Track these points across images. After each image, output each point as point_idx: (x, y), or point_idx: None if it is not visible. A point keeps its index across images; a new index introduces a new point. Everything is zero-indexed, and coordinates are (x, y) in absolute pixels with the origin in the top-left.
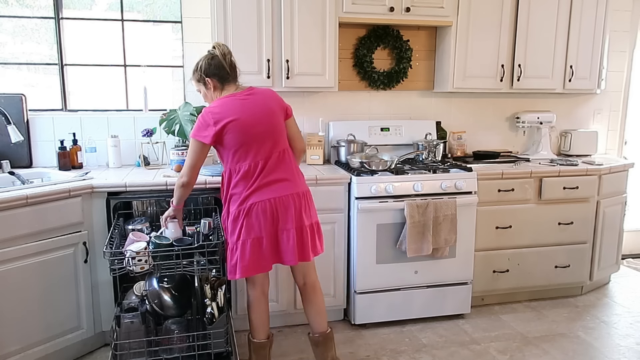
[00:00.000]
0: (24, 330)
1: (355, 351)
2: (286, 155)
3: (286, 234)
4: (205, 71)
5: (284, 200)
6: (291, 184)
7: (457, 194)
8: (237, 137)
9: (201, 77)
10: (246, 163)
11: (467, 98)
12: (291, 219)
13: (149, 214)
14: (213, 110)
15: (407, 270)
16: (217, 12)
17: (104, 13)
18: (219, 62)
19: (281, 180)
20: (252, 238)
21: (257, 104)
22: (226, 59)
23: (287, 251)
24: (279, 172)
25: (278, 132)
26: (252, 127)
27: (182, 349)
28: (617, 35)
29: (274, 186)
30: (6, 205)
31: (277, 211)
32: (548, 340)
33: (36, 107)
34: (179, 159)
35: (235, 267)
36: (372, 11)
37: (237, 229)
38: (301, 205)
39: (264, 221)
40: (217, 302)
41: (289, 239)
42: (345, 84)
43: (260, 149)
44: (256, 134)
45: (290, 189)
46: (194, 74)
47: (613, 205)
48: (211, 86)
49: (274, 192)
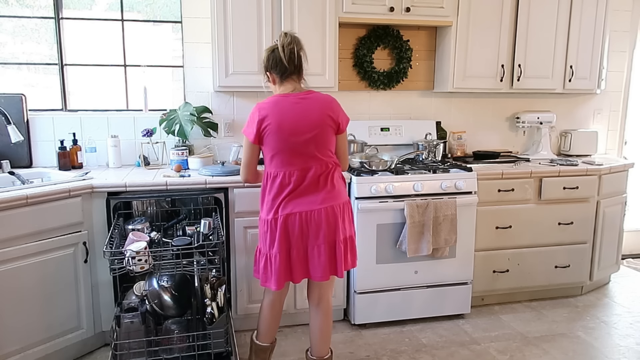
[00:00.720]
0: (24, 330)
1: (355, 351)
2: (325, 170)
3: (317, 249)
4: (265, 64)
5: (315, 214)
6: (326, 197)
7: (457, 194)
8: (275, 142)
9: (263, 70)
10: (282, 171)
11: (467, 98)
12: (323, 234)
13: (149, 214)
14: (261, 107)
15: (407, 270)
16: (217, 12)
17: (104, 13)
18: (278, 55)
19: (316, 193)
20: (280, 251)
21: (306, 111)
22: (285, 51)
23: (317, 267)
24: (316, 186)
25: (321, 146)
26: (293, 135)
27: (182, 349)
28: (617, 35)
29: (307, 199)
30: (6, 205)
31: (307, 225)
32: (548, 340)
33: (36, 107)
34: (178, 159)
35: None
36: (372, 11)
37: (272, 239)
38: (336, 218)
39: (293, 234)
40: (217, 302)
41: (320, 254)
42: (345, 84)
43: (299, 159)
44: (297, 142)
45: (324, 201)
46: (262, 67)
47: (613, 205)
48: (271, 80)
49: (306, 205)
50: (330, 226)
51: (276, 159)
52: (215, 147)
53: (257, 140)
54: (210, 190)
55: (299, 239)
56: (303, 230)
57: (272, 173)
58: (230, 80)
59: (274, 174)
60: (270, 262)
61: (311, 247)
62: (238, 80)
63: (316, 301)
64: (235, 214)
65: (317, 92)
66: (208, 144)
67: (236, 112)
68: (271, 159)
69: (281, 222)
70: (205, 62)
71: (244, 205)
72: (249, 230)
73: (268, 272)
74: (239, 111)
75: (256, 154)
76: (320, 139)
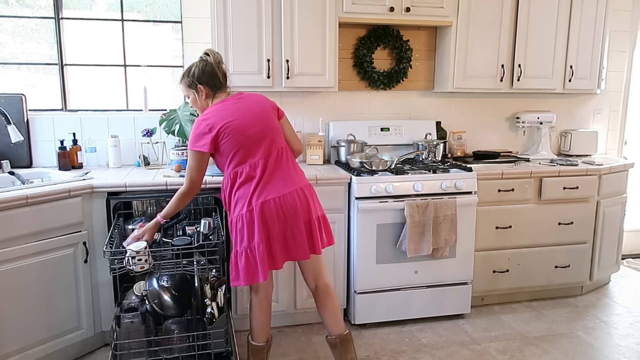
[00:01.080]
0: (24, 330)
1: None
2: (284, 153)
3: (296, 230)
4: (198, 78)
5: (288, 197)
6: (293, 180)
7: (457, 194)
8: (233, 140)
9: (192, 83)
10: (246, 165)
11: (467, 98)
12: (299, 215)
13: (149, 214)
14: (206, 119)
15: (407, 270)
16: (217, 12)
17: (104, 13)
18: (212, 70)
19: (283, 177)
20: (262, 240)
21: (249, 106)
22: (220, 68)
23: (297, 247)
24: (280, 170)
25: (274, 131)
26: (248, 129)
27: (182, 349)
28: (617, 35)
29: (277, 184)
30: (6, 205)
31: (282, 209)
32: (548, 340)
33: (36, 107)
34: (179, 159)
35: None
36: (372, 11)
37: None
38: (307, 199)
39: (271, 220)
40: (217, 302)
41: (298, 235)
42: (345, 84)
43: (259, 149)
44: (252, 134)
45: (292, 184)
46: (184, 79)
47: (613, 205)
48: (203, 93)
49: (278, 191)
50: (303, 207)
51: (237, 156)
52: None
53: (212, 149)
54: (210, 190)
55: (276, 224)
56: (279, 215)
57: (235, 171)
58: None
59: (237, 172)
60: (253, 255)
61: (289, 229)
62: (238, 80)
63: (313, 284)
64: None
65: (245, 92)
66: None
67: None
68: (232, 159)
69: (258, 211)
70: None
71: None
72: None
73: (252, 266)
74: None
75: (206, 166)
76: (270, 126)
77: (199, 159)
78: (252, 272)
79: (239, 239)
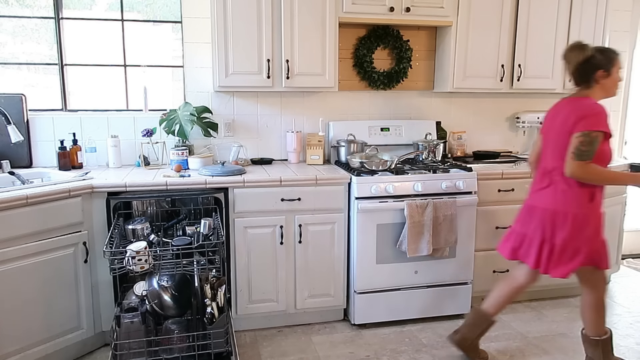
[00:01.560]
0: (24, 330)
1: (355, 351)
2: (552, 176)
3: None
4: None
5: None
6: (532, 196)
7: (457, 194)
8: (542, 136)
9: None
10: (540, 164)
11: (467, 98)
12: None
13: (149, 214)
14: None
15: (407, 270)
16: (217, 12)
17: (104, 13)
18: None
19: (536, 191)
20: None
21: (560, 111)
22: (571, 61)
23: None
24: (538, 184)
25: (552, 147)
26: (545, 133)
27: (182, 349)
28: (617, 35)
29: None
30: (6, 205)
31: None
32: (548, 340)
33: (36, 107)
34: (179, 159)
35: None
36: (372, 11)
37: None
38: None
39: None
40: (217, 302)
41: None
42: (345, 84)
43: (544, 156)
44: (544, 140)
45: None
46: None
47: (613, 205)
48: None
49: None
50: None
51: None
52: (215, 147)
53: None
54: (210, 190)
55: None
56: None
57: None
58: (230, 80)
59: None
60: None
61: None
62: (238, 80)
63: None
64: (235, 214)
65: (579, 97)
66: (208, 144)
67: (236, 112)
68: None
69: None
70: (205, 62)
71: (244, 205)
72: (249, 230)
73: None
74: (239, 111)
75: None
76: (553, 142)
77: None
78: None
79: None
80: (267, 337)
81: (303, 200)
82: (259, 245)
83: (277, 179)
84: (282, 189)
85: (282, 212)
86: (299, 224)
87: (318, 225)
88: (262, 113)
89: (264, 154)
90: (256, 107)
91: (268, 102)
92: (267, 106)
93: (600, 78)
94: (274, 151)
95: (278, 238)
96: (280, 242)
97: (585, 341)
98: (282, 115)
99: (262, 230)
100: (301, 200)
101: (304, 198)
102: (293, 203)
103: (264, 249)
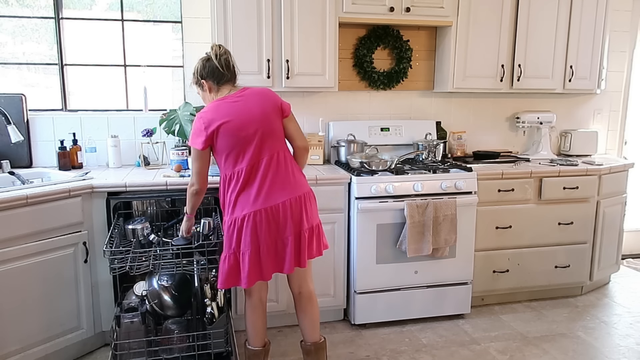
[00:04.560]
0: (24, 330)
1: (355, 351)
2: (281, 158)
3: (284, 242)
4: (200, 73)
5: (280, 208)
6: (288, 189)
7: (457, 194)
8: (227, 141)
9: (198, 80)
10: (239, 168)
11: (467, 98)
12: (289, 226)
13: (149, 213)
14: (204, 116)
15: (407, 270)
16: (217, 12)
17: (104, 13)
18: (213, 64)
19: (278, 184)
20: (250, 249)
21: (247, 106)
22: (221, 60)
23: (283, 259)
24: (274, 177)
25: (270, 134)
26: (242, 130)
27: (182, 349)
28: (617, 35)
29: (271, 192)
30: (6, 205)
31: (273, 220)
32: (548, 340)
33: (36, 107)
34: (179, 159)
35: (234, 276)
36: (372, 11)
37: (238, 238)
38: (300, 209)
39: (261, 231)
40: (217, 302)
41: (286, 247)
42: (345, 84)
43: (252, 153)
44: (246, 136)
45: (286, 194)
46: (192, 77)
47: (613, 205)
48: (207, 88)
49: (271, 200)
50: (294, 218)
51: (230, 158)
52: None
53: (206, 146)
54: (210, 190)
55: (267, 235)
56: (270, 226)
57: (229, 173)
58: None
59: (230, 174)
60: (237, 261)
61: (280, 240)
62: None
63: (297, 291)
64: None
65: (252, 87)
66: None
67: None
68: (225, 160)
69: (249, 220)
70: None
71: None
72: None
73: (234, 271)
74: None
75: (207, 162)
76: (268, 129)
77: (196, 155)
78: (233, 277)
79: (228, 243)
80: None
81: None
82: None
83: None
84: None
85: None
86: None
87: None
88: None
89: None
90: None
91: None
92: None
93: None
94: None
95: None
96: None
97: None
98: None
99: None
100: None
101: None
102: None
103: None
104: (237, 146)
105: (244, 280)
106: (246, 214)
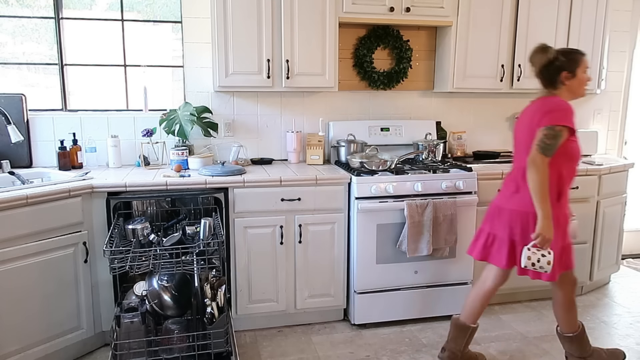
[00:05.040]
0: (24, 330)
1: (355, 351)
2: (514, 171)
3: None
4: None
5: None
6: (501, 198)
7: (457, 194)
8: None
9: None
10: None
11: (467, 98)
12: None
13: (149, 214)
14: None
15: (407, 270)
16: (217, 12)
17: (104, 13)
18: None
19: (506, 194)
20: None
21: (525, 114)
22: (535, 64)
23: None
24: (508, 186)
25: (519, 148)
26: (515, 134)
27: (182, 349)
28: (617, 35)
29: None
30: (6, 205)
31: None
32: (548, 340)
33: (36, 107)
34: (178, 159)
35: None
36: (372, 11)
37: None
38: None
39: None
40: (217, 302)
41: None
42: (345, 84)
43: (515, 157)
44: (515, 141)
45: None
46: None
47: (613, 205)
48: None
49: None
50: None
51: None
52: (215, 147)
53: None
54: (210, 190)
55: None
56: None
57: (562, 172)
58: (230, 80)
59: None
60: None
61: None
62: (238, 80)
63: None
64: (235, 214)
65: (545, 97)
66: (208, 144)
67: (236, 112)
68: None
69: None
70: (205, 62)
71: (244, 205)
72: (249, 230)
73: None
74: (239, 111)
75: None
76: (519, 142)
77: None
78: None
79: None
80: (267, 337)
81: (303, 200)
82: (259, 245)
83: (277, 179)
84: (282, 189)
85: (282, 212)
86: (299, 224)
87: (318, 225)
88: (262, 113)
89: (264, 154)
90: (256, 107)
91: (268, 102)
92: (267, 106)
93: (565, 80)
94: (274, 151)
95: (278, 238)
96: (280, 242)
97: (560, 338)
98: (282, 115)
99: (262, 230)
100: (301, 200)
101: (304, 198)
102: (293, 203)
103: (264, 249)
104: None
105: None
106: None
